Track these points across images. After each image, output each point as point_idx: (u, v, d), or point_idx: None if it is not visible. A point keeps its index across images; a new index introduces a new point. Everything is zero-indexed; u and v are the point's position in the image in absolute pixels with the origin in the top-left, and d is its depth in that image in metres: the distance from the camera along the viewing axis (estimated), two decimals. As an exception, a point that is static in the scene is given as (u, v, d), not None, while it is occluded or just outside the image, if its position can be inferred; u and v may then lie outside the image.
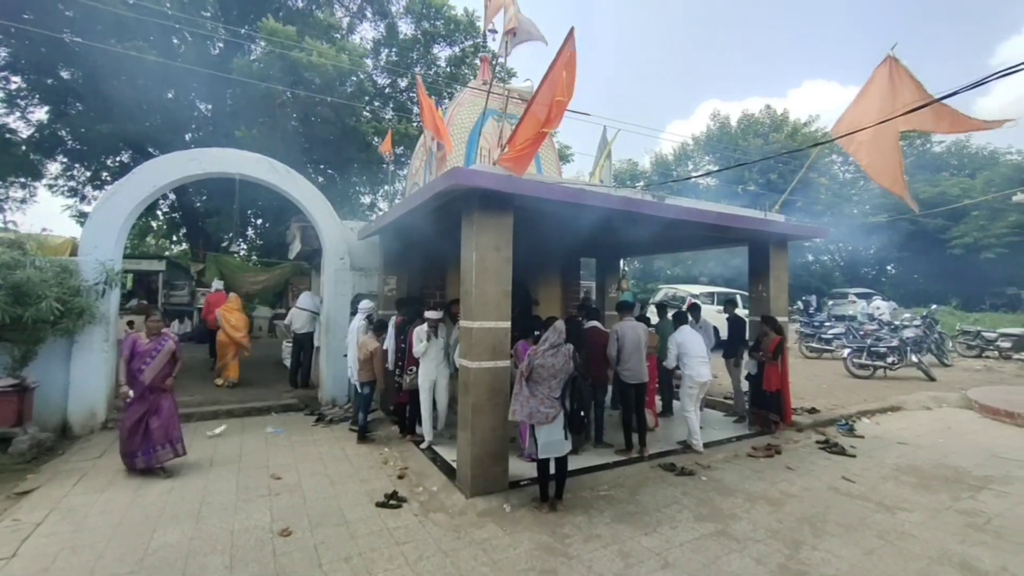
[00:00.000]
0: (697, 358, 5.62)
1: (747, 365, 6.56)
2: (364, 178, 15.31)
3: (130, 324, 13.52)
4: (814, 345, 13.63)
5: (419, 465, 4.91)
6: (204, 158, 7.07)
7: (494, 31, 7.34)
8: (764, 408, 6.20)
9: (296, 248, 9.07)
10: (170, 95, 13.37)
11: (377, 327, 6.10)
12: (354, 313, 7.27)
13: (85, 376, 5.97)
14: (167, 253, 18.23)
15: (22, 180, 14.56)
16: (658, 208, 5.19)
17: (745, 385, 6.74)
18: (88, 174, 15.07)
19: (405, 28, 16.98)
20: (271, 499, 4.12)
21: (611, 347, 5.49)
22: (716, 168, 26.70)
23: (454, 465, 4.63)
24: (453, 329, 5.99)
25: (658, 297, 15.52)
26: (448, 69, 17.04)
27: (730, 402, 7.52)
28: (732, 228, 5.91)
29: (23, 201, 15.35)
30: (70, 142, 13.48)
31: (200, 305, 14.84)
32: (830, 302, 20.94)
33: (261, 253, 17.83)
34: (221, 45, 13.47)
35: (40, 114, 13.38)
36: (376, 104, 15.32)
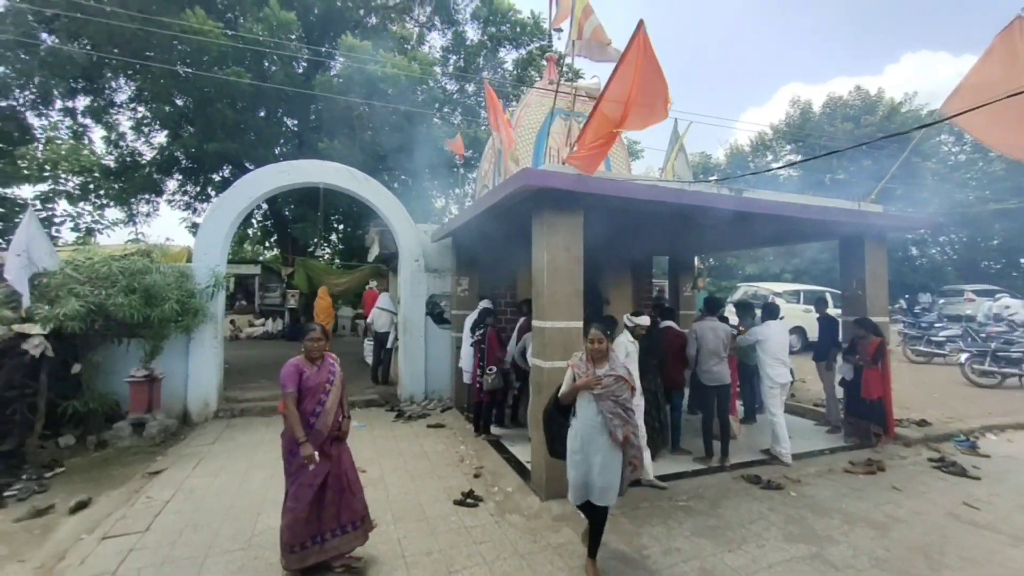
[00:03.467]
0: (777, 357, 5.27)
1: (840, 370, 6.03)
2: (435, 182, 15.82)
3: (232, 323, 15.01)
4: (922, 348, 12.21)
5: (494, 465, 5.01)
6: (292, 170, 7.66)
7: (560, 30, 7.29)
8: (863, 418, 5.67)
9: (375, 251, 9.56)
10: (262, 113, 14.60)
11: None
12: (431, 314, 7.59)
13: (200, 369, 6.70)
14: (261, 258, 19.94)
15: (147, 197, 16.57)
16: (736, 203, 4.91)
17: (839, 392, 6.21)
18: (197, 189, 16.84)
19: (472, 34, 17.34)
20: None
21: (690, 347, 5.30)
22: (799, 158, 24.77)
23: (528, 466, 4.68)
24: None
25: (737, 296, 14.69)
26: (515, 71, 17.19)
27: (821, 410, 6.95)
28: (820, 222, 5.46)
29: (148, 215, 17.48)
30: (184, 161, 15.14)
31: (291, 306, 16.15)
32: (940, 300, 18.66)
33: (343, 256, 19.02)
34: (305, 64, 14.49)
35: (160, 138, 15.19)
36: (445, 110, 15.76)
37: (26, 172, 15.31)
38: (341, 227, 18.69)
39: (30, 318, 5.18)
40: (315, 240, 16.59)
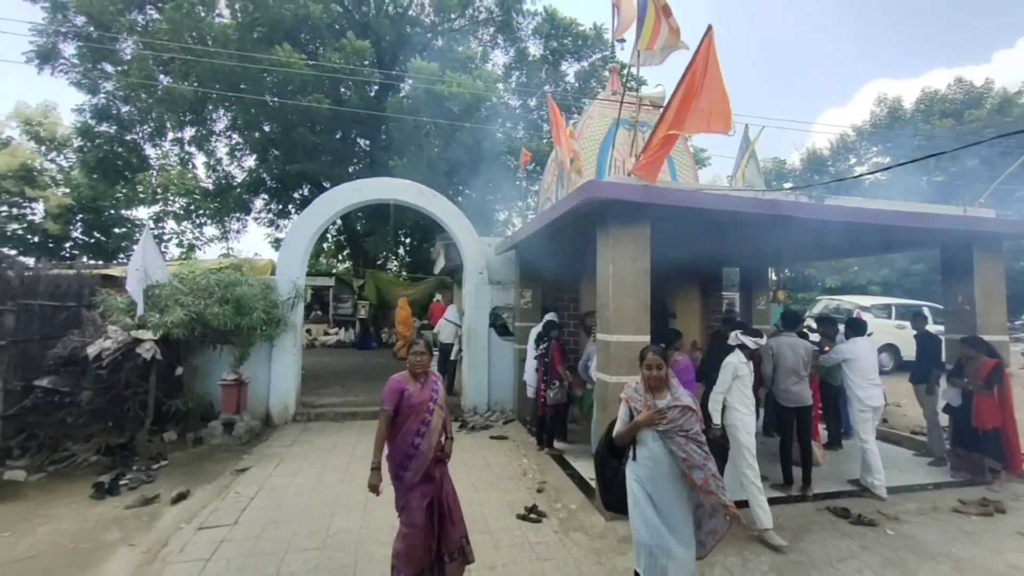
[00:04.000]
0: (868, 377, 4.81)
1: (945, 394, 5.40)
2: (499, 195, 16.15)
3: (308, 332, 16.00)
4: (1049, 372, 10.67)
5: (557, 480, 4.95)
6: (366, 187, 8.11)
7: (623, 40, 7.22)
8: (975, 450, 5.02)
9: (440, 264, 9.87)
10: (338, 136, 15.63)
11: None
12: (493, 325, 7.68)
13: (281, 375, 7.20)
14: (334, 270, 21.18)
15: (238, 215, 18.27)
16: (816, 211, 4.59)
17: (944, 419, 5.56)
18: (280, 207, 18.29)
19: (533, 49, 17.63)
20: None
21: (766, 365, 4.97)
22: (888, 160, 22.74)
23: (592, 483, 4.57)
24: (588, 342, 5.98)
25: (817, 309, 13.63)
26: (576, 84, 17.25)
27: (920, 438, 6.26)
28: (919, 230, 4.97)
29: (238, 231, 19.27)
30: (269, 182, 16.53)
31: (362, 316, 17.00)
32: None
33: (409, 269, 19.80)
34: (377, 88, 15.39)
35: (250, 162, 16.70)
36: (508, 125, 16.08)
37: (143, 195, 17.39)
38: (408, 240, 19.49)
39: (143, 325, 5.82)
40: (384, 253, 17.40)
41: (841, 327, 6.21)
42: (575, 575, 3.28)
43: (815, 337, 6.51)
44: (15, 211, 13.93)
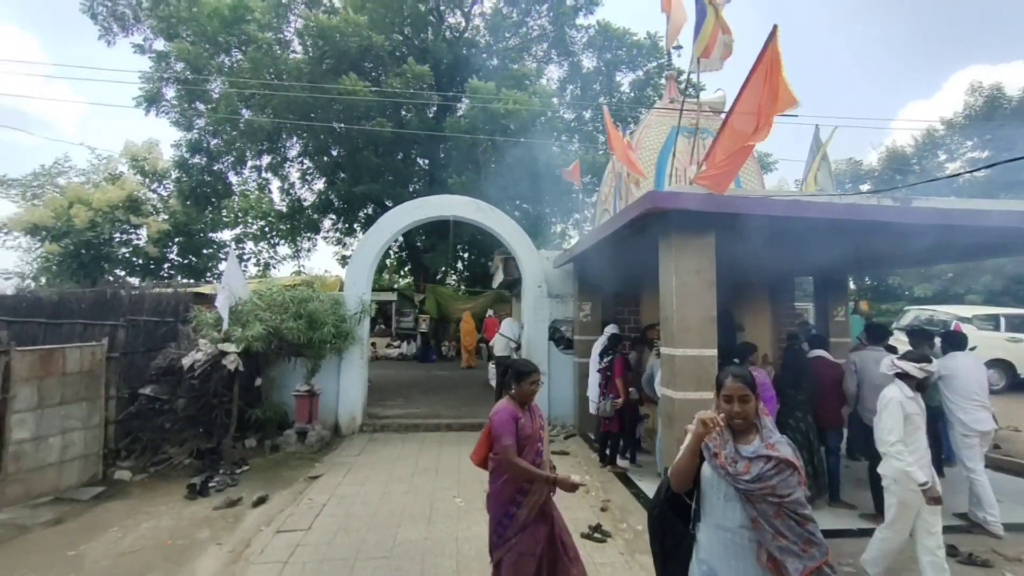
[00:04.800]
0: (973, 398, 4.30)
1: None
2: (555, 208, 16.19)
3: (373, 345, 16.67)
4: None
5: (622, 499, 4.80)
6: (427, 205, 8.41)
7: (679, 47, 7.06)
8: (1112, 483, 4.35)
9: (499, 278, 10.00)
10: (399, 156, 16.35)
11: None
12: (553, 339, 7.64)
13: (349, 386, 7.53)
14: (396, 286, 22.02)
15: (308, 235, 19.53)
16: (904, 214, 4.21)
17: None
18: (346, 226, 19.34)
19: (587, 62, 17.65)
20: (487, 513, 4.50)
21: (849, 381, 4.60)
22: (984, 155, 20.55)
23: (658, 504, 4.40)
24: (650, 356, 5.80)
25: (905, 321, 12.45)
26: (632, 93, 17.06)
27: (1043, 468, 5.51)
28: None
29: (308, 250, 20.58)
30: (336, 203, 17.53)
31: (423, 330, 17.54)
32: None
33: (468, 283, 20.22)
34: (435, 109, 16.00)
35: (319, 184, 17.82)
36: (564, 138, 16.14)
37: (226, 219, 19.00)
38: (467, 255, 19.93)
39: (228, 338, 6.32)
40: (444, 268, 17.88)
41: (937, 341, 5.63)
42: (644, 600, 3.15)
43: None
44: (124, 237, 15.66)
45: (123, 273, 15.17)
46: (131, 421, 5.85)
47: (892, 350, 5.25)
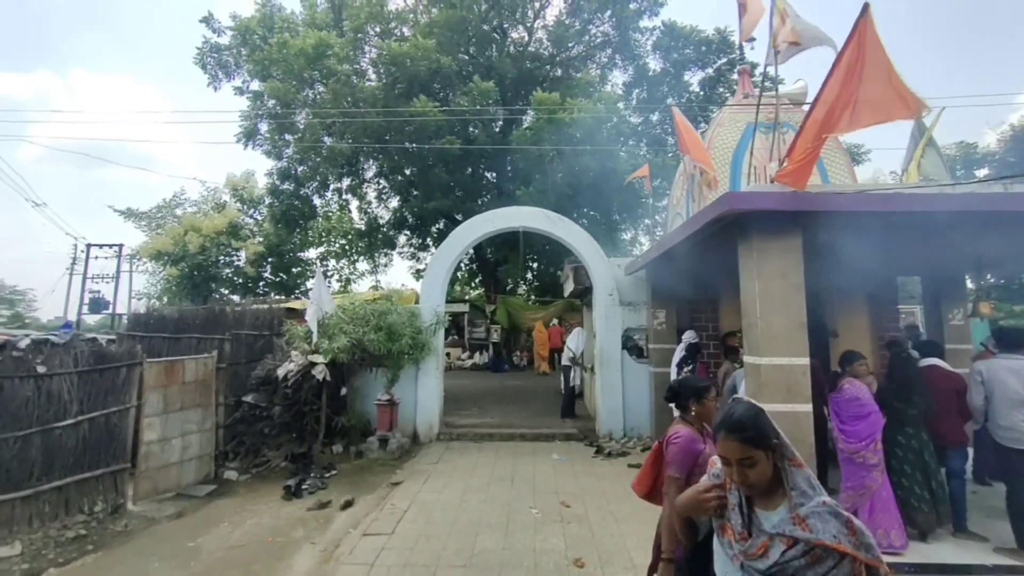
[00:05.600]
0: None
1: None
2: (624, 215, 15.89)
3: (447, 355, 17.18)
4: None
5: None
6: (496, 217, 8.57)
7: (753, 40, 6.69)
8: None
9: (569, 287, 9.94)
10: (468, 171, 16.85)
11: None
12: (626, 348, 7.48)
13: (426, 396, 7.80)
14: (467, 297, 22.57)
15: (385, 251, 20.63)
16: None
17: None
18: (420, 241, 20.20)
19: (653, 64, 17.25)
20: (563, 526, 4.46)
21: (974, 394, 4.06)
22: None
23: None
24: (725, 364, 5.48)
25: (1043, 324, 10.78)
26: (701, 92, 16.42)
27: None
28: None
29: (385, 265, 21.74)
30: (410, 219, 18.39)
31: (494, 340, 17.83)
32: None
33: (538, 293, 20.30)
34: (501, 123, 16.35)
35: (394, 203, 18.80)
36: (631, 143, 15.83)
37: (311, 239, 20.55)
38: (536, 265, 20.04)
39: (317, 350, 6.80)
40: (514, 279, 18.09)
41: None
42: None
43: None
44: (226, 259, 17.46)
45: (226, 292, 16.85)
46: (236, 426, 6.45)
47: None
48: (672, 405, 2.61)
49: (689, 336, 5.94)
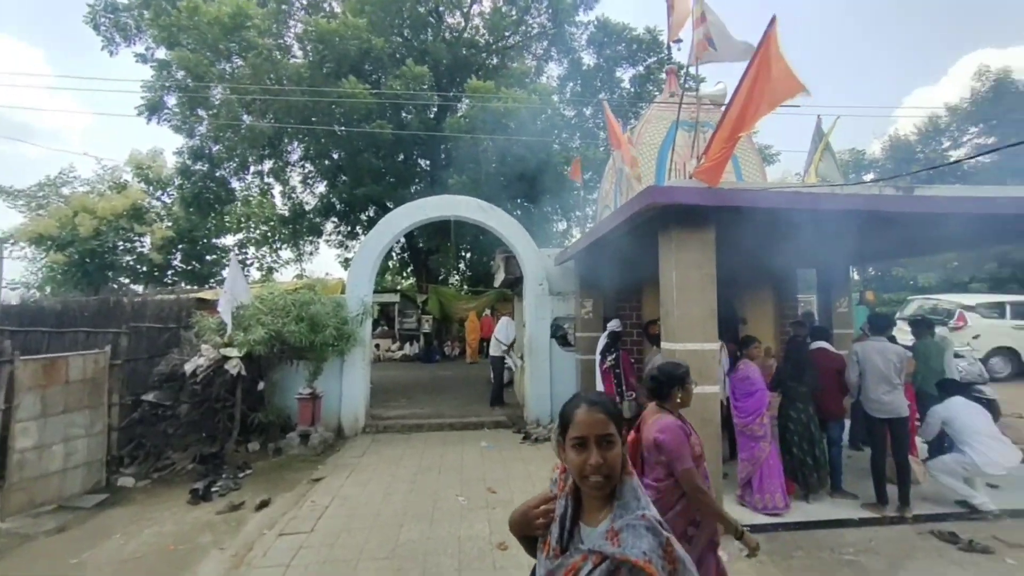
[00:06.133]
0: (987, 436, 4.21)
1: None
2: (556, 206, 16.16)
3: (376, 347, 16.72)
4: None
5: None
6: (428, 206, 8.41)
7: (679, 41, 7.03)
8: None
9: (500, 277, 9.98)
10: (400, 158, 16.37)
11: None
12: (555, 336, 7.62)
13: (351, 388, 7.54)
14: (398, 287, 22.06)
15: (311, 238, 19.61)
16: (906, 203, 4.16)
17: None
18: (348, 229, 19.40)
19: (587, 58, 17.60)
20: (489, 512, 4.50)
21: (850, 372, 4.58)
22: (992, 141, 20.33)
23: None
24: (651, 352, 5.78)
25: (909, 310, 12.34)
26: (632, 89, 17.01)
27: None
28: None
29: (311, 254, 20.67)
30: (338, 206, 17.58)
31: (425, 330, 17.58)
32: None
33: (470, 283, 20.21)
34: (435, 109, 16.01)
35: (321, 188, 17.88)
36: (564, 135, 16.10)
37: (229, 225, 19.10)
38: (469, 255, 19.94)
39: (231, 343, 6.35)
40: (446, 269, 17.89)
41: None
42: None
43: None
44: (127, 245, 15.77)
45: (127, 281, 15.28)
46: (134, 428, 5.89)
47: (893, 340, 5.22)
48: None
49: (613, 324, 6.17)
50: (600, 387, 6.00)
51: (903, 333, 7.33)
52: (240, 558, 3.77)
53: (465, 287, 20.62)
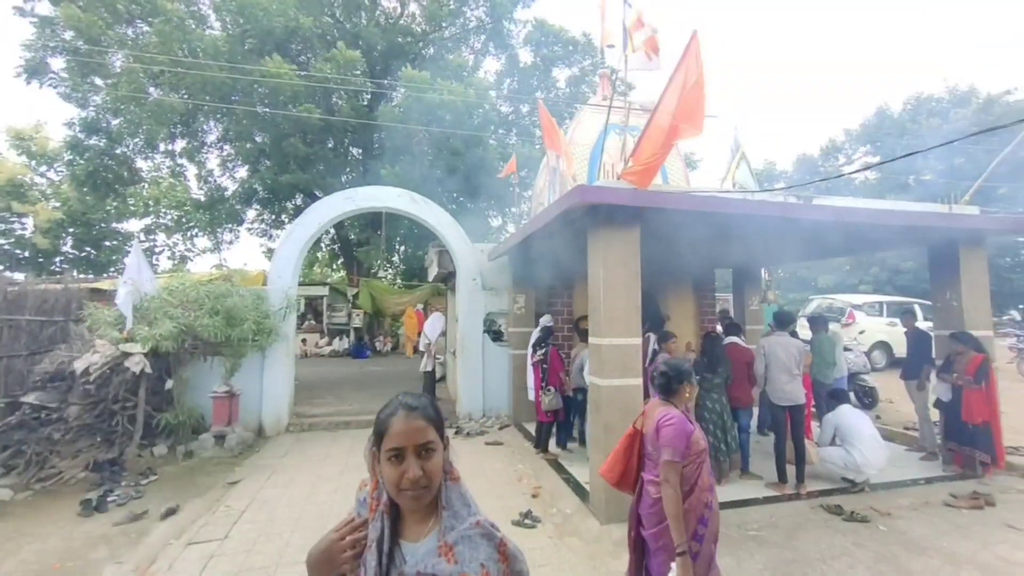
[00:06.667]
0: (869, 438, 4.72)
1: (936, 390, 5.44)
2: (492, 202, 16.18)
3: (303, 342, 15.93)
4: (1039, 365, 10.80)
5: (552, 485, 4.93)
6: (357, 196, 8.11)
7: (611, 46, 7.29)
8: (966, 444, 5.05)
9: (434, 271, 9.86)
10: (330, 145, 15.64)
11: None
12: (488, 331, 7.65)
13: (273, 385, 7.14)
14: (328, 280, 21.15)
15: (230, 226, 18.22)
16: (804, 210, 4.62)
17: (935, 414, 5.59)
18: (273, 217, 18.26)
19: (525, 57, 17.76)
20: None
21: (758, 364, 5.00)
22: (877, 159, 23.01)
23: (587, 487, 4.56)
24: (578, 346, 5.98)
25: (810, 309, 13.71)
26: (567, 89, 17.38)
27: (913, 434, 6.28)
28: (905, 228, 5.02)
29: (231, 243, 19.22)
30: (261, 192, 16.49)
31: (356, 325, 16.97)
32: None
33: (404, 277, 19.78)
34: (369, 97, 15.44)
35: (242, 172, 16.66)
36: (500, 132, 16.15)
37: (133, 208, 17.31)
38: (402, 248, 19.49)
39: (132, 339, 5.77)
40: (378, 262, 17.38)
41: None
42: (569, 581, 3.25)
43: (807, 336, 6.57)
44: (4, 227, 13.83)
45: (2, 268, 13.41)
46: (11, 433, 5.19)
47: (795, 335, 5.78)
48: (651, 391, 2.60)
49: (545, 320, 6.32)
50: (531, 379, 6.13)
51: (804, 329, 8.11)
52: (142, 572, 3.45)
53: (399, 281, 20.16)
